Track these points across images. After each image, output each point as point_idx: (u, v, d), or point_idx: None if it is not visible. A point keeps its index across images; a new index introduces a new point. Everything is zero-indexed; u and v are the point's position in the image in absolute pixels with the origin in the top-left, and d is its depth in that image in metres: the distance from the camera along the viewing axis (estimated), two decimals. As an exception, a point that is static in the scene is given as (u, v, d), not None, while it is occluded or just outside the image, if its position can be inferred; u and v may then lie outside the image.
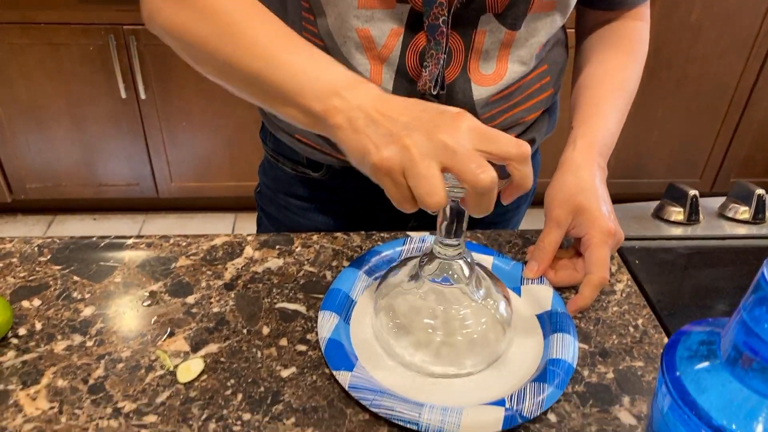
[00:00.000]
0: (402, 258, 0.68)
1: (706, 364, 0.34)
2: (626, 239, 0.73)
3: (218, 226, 2.35)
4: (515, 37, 0.67)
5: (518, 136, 0.77)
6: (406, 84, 0.68)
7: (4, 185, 2.20)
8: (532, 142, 0.79)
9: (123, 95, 2.01)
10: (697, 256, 0.71)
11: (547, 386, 0.53)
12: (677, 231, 0.76)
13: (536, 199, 0.84)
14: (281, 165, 0.84)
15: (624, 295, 0.66)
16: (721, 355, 0.33)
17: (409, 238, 0.70)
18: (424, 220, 0.80)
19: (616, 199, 0.87)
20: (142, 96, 2.02)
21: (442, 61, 0.65)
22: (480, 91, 0.69)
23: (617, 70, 0.76)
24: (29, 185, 2.21)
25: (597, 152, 0.69)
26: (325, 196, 0.83)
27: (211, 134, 2.16)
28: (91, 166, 2.20)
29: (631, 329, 0.62)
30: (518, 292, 0.65)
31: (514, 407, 0.51)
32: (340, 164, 0.78)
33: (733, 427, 0.31)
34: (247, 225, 2.37)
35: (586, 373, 0.57)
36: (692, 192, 0.75)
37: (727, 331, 0.33)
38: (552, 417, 0.53)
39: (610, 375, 0.57)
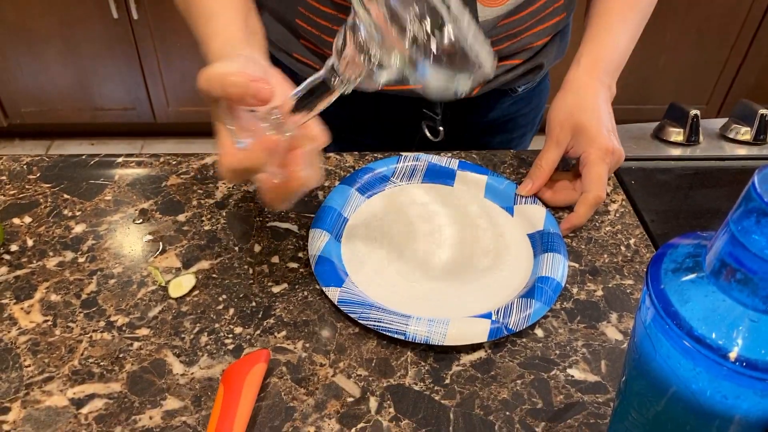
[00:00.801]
0: (397, 174, 0.67)
1: (690, 276, 0.34)
2: (625, 159, 0.72)
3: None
4: None
5: (525, 61, 0.75)
6: None
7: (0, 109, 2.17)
8: (539, 67, 0.76)
9: (115, 15, 1.95)
10: (695, 177, 0.71)
11: (535, 302, 0.53)
12: (676, 152, 0.74)
13: (542, 127, 0.82)
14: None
15: (618, 215, 0.65)
16: (706, 267, 0.33)
17: (402, 156, 0.69)
18: (424, 147, 0.79)
19: (620, 123, 0.85)
20: (135, 16, 1.96)
21: None
22: (486, 12, 0.66)
23: None
24: (24, 109, 2.18)
25: (602, 70, 0.67)
26: (331, 112, 0.81)
27: (207, 57, 2.11)
28: (86, 90, 2.16)
29: (623, 248, 0.62)
30: (511, 211, 0.65)
31: (501, 320, 0.52)
32: None
33: (714, 336, 0.32)
34: (246, 151, 2.35)
35: (575, 290, 0.57)
36: (693, 112, 0.73)
37: (714, 242, 0.33)
38: (539, 332, 0.54)
39: (599, 293, 0.57)
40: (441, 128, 0.76)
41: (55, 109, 2.19)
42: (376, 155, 0.71)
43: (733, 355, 0.31)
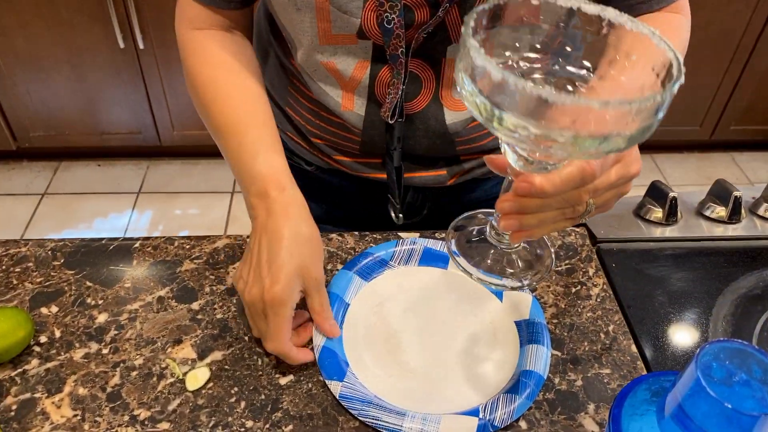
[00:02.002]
0: (395, 258, 0.72)
1: (646, 425, 0.39)
2: (605, 240, 0.77)
3: (221, 173, 2.39)
4: None
5: None
6: (377, 110, 0.70)
7: (8, 133, 2.22)
8: None
9: (121, 45, 2.00)
10: (671, 258, 0.76)
11: (518, 397, 0.59)
12: (656, 231, 0.79)
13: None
14: None
15: (599, 299, 0.71)
16: (657, 420, 0.38)
17: (400, 240, 0.74)
18: (410, 214, 0.84)
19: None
20: (141, 46, 2.01)
21: (401, 91, 0.67)
22: (452, 116, 0.71)
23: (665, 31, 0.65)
24: (33, 133, 2.24)
25: None
26: (316, 186, 0.87)
27: (211, 83, 2.15)
28: (94, 115, 2.21)
29: (602, 335, 0.67)
30: (500, 297, 0.70)
31: (487, 417, 0.57)
32: (327, 165, 0.82)
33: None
34: (249, 172, 2.40)
35: (557, 380, 0.63)
36: (672, 194, 0.78)
37: (664, 399, 0.38)
38: (523, 424, 0.59)
39: (579, 382, 0.63)
40: (400, 215, 0.81)
41: (63, 133, 2.24)
42: (375, 235, 0.77)
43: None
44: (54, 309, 0.67)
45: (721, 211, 0.80)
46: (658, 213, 0.80)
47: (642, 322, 0.68)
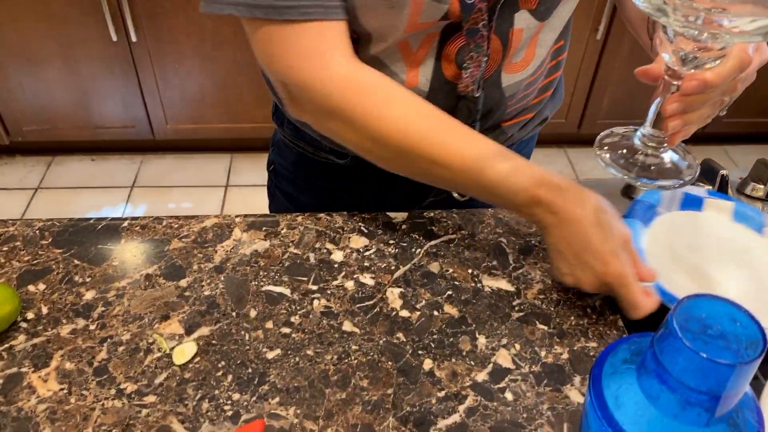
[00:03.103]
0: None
1: (625, 380, 0.39)
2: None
3: (215, 167, 2.39)
4: (543, 26, 0.69)
5: (534, 116, 0.81)
6: (442, 85, 0.70)
7: (1, 127, 2.22)
8: (544, 120, 0.83)
9: (114, 38, 2.00)
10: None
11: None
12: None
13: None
14: (302, 150, 0.86)
15: (586, 276, 0.71)
16: (637, 376, 0.39)
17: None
18: (441, 195, 0.85)
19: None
20: (133, 39, 2.01)
21: (483, 64, 0.67)
22: (508, 79, 0.72)
23: None
24: (26, 127, 2.23)
25: None
26: (350, 181, 0.85)
27: (204, 75, 2.15)
28: (87, 109, 2.21)
29: (589, 310, 0.67)
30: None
31: None
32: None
33: (641, 439, 0.37)
34: (242, 166, 2.41)
35: (543, 353, 0.63)
36: (659, 173, 0.79)
37: (642, 356, 0.38)
38: (509, 395, 0.59)
39: (565, 356, 0.63)
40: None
41: (56, 127, 2.24)
42: (364, 215, 0.77)
43: (656, 458, 0.37)
44: (41, 286, 0.67)
45: (708, 189, 0.80)
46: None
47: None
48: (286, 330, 0.64)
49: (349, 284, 0.69)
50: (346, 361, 0.62)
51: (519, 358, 0.63)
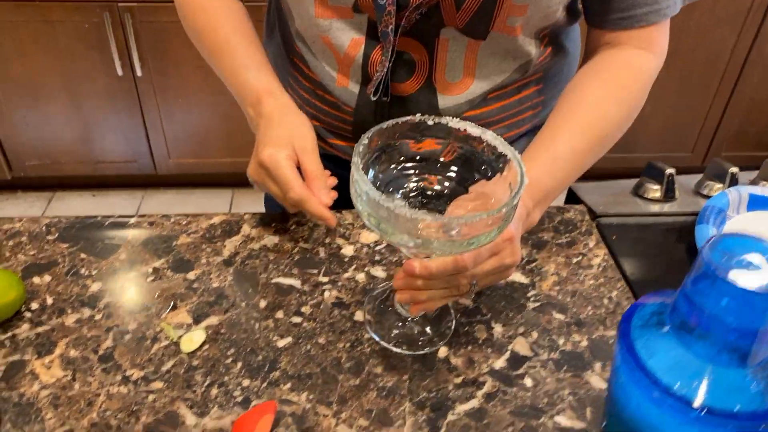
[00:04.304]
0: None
1: (656, 332, 0.38)
2: (605, 216, 0.77)
3: (216, 202, 2.38)
4: (481, 46, 0.67)
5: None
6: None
7: (3, 162, 2.22)
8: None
9: (119, 72, 2.03)
10: (672, 232, 0.75)
11: None
12: (654, 207, 0.79)
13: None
14: None
15: (600, 269, 0.70)
16: (669, 324, 0.37)
17: (728, 190, 0.75)
18: None
19: (606, 174, 0.90)
20: (138, 73, 2.04)
21: (386, 69, 0.67)
22: (445, 101, 0.71)
23: (593, 107, 0.65)
24: (28, 162, 2.24)
25: (528, 193, 0.60)
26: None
27: (208, 110, 2.18)
28: (89, 143, 2.22)
29: (606, 301, 0.66)
30: None
31: None
32: (323, 150, 0.81)
33: (677, 386, 0.35)
34: (244, 201, 2.40)
35: (561, 341, 0.61)
36: (669, 170, 0.78)
37: (674, 302, 0.37)
38: (528, 381, 0.57)
39: (584, 343, 0.61)
40: None
41: (58, 162, 2.25)
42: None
43: (695, 403, 0.35)
44: (47, 278, 0.66)
45: (718, 189, 0.80)
46: (656, 191, 0.80)
47: (646, 289, 0.67)
48: (296, 319, 0.62)
49: (361, 276, 0.68)
50: (359, 348, 0.60)
51: (537, 345, 0.61)
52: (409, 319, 0.61)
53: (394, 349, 0.59)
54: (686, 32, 2.11)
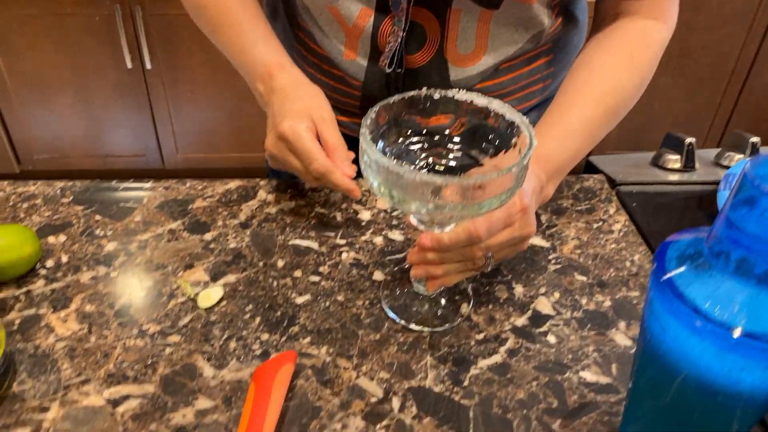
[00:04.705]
0: None
1: (692, 262, 0.37)
2: (625, 184, 0.76)
3: (223, 197, 2.38)
4: (493, 16, 0.66)
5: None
6: (378, 63, 0.70)
7: (12, 156, 2.23)
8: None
9: (129, 65, 2.03)
10: (693, 199, 0.74)
11: None
12: (674, 177, 0.78)
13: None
14: None
15: (621, 234, 0.69)
16: (706, 252, 0.36)
17: None
18: None
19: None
20: (148, 66, 2.04)
21: (401, 39, 0.67)
22: (457, 72, 0.70)
23: (605, 78, 0.64)
24: (37, 156, 2.24)
25: (541, 166, 0.59)
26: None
27: (217, 105, 2.18)
28: (97, 138, 2.22)
29: (628, 264, 0.65)
30: None
31: None
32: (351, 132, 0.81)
33: (717, 311, 0.34)
34: (252, 196, 2.40)
35: (584, 301, 0.60)
36: (688, 140, 0.78)
37: (712, 229, 0.36)
38: (552, 338, 0.56)
39: (608, 303, 0.60)
40: None
41: (67, 156, 2.25)
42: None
43: (736, 328, 0.34)
44: (62, 238, 0.65)
45: (739, 159, 0.79)
46: (675, 161, 0.79)
47: (668, 251, 0.66)
48: (315, 278, 0.62)
49: (378, 239, 0.67)
50: (378, 306, 0.59)
51: (559, 305, 0.60)
52: (427, 297, 0.60)
53: (413, 327, 0.57)
54: (695, 30, 2.10)
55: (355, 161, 0.63)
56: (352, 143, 0.79)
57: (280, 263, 0.63)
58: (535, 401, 0.51)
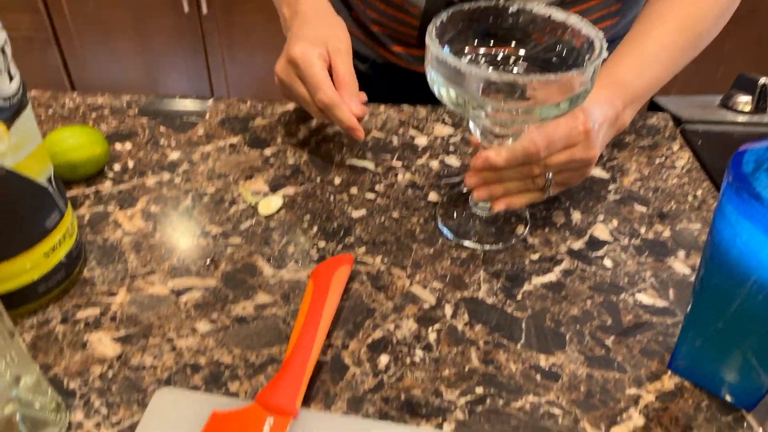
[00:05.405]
0: None
1: (771, 164, 0.36)
2: (691, 122, 0.74)
3: (272, 147, 2.41)
4: None
5: None
6: None
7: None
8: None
9: (186, 9, 2.05)
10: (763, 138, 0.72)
11: None
12: (744, 118, 0.75)
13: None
14: None
15: (685, 170, 0.67)
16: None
17: None
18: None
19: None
20: (204, 11, 2.06)
21: None
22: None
23: (687, 2, 0.62)
24: (95, 97, 2.30)
25: (618, 94, 0.57)
26: (367, 87, 0.84)
27: (270, 53, 2.19)
28: (152, 80, 2.26)
29: (690, 198, 0.63)
30: None
31: None
32: (382, 59, 0.80)
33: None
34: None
35: (643, 230, 0.59)
36: (762, 80, 0.75)
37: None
38: (608, 262, 0.56)
39: (667, 233, 0.59)
40: None
41: (124, 98, 2.30)
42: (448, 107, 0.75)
43: (814, 229, 0.33)
44: (128, 146, 0.67)
45: (814, 104, 0.76)
46: (746, 103, 0.76)
47: (733, 188, 0.64)
48: (370, 195, 0.62)
49: (434, 163, 0.67)
50: (433, 223, 0.59)
51: (617, 232, 0.59)
52: (484, 218, 0.59)
53: (467, 243, 0.57)
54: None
55: (391, 96, 0.61)
56: (406, 76, 0.79)
57: (337, 180, 0.64)
58: (589, 318, 0.51)
